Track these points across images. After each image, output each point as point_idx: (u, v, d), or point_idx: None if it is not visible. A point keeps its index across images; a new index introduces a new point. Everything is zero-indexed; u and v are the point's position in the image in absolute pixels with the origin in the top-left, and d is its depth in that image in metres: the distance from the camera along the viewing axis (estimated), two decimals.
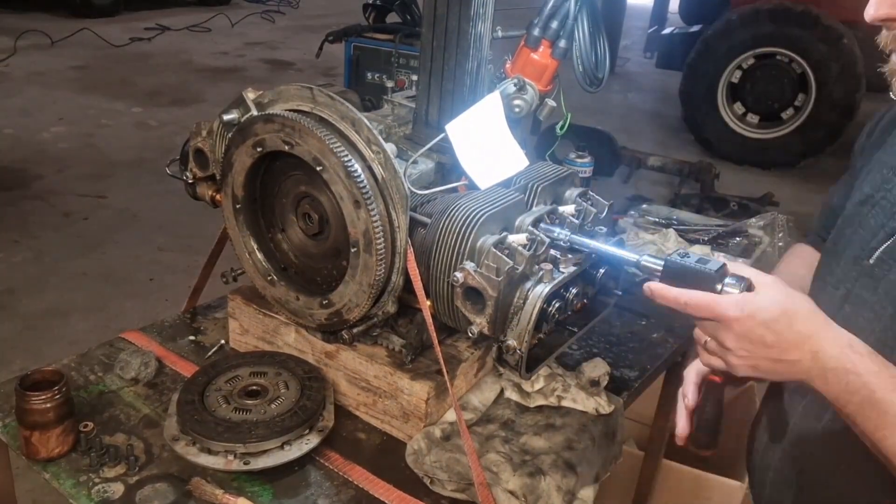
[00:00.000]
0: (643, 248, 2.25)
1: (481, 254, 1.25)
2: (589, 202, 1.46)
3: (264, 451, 1.30)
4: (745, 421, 2.58)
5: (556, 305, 1.27)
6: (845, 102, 6.42)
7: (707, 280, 1.03)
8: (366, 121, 1.29)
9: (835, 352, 0.95)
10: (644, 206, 2.81)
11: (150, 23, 10.77)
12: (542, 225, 1.33)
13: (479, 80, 1.47)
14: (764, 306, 0.97)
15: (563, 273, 1.27)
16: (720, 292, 1.02)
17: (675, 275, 1.08)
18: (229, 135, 1.42)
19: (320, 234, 1.44)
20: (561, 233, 1.30)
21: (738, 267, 1.04)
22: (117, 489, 1.26)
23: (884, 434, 0.93)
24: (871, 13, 1.05)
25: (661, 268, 1.10)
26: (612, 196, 1.52)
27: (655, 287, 1.06)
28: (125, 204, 5.05)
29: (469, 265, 1.23)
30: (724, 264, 1.06)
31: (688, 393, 1.26)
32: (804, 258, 1.45)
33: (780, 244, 2.58)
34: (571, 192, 1.48)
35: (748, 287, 1.02)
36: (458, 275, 1.22)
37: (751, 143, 6.85)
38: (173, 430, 1.33)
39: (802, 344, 0.96)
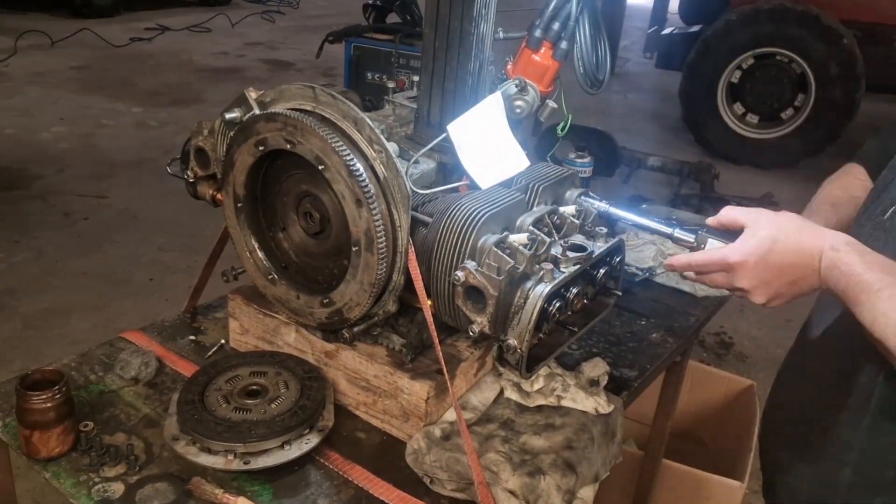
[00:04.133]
0: (642, 248, 2.25)
1: (482, 253, 1.25)
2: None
3: (264, 451, 1.30)
4: (745, 421, 2.59)
5: (557, 305, 1.27)
6: (845, 102, 6.42)
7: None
8: (368, 120, 1.30)
9: (826, 261, 1.09)
10: (644, 206, 2.81)
11: (150, 23, 10.76)
12: (583, 198, 1.45)
13: (481, 81, 1.47)
14: (763, 247, 1.12)
15: (563, 273, 1.27)
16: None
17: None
18: (231, 133, 1.42)
19: (321, 232, 1.44)
20: (601, 204, 1.42)
21: (728, 211, 1.19)
22: (117, 489, 1.26)
23: (861, 306, 1.05)
24: None
25: (692, 239, 1.26)
26: (612, 196, 1.52)
27: (675, 261, 1.24)
28: (125, 204, 5.06)
29: (470, 264, 1.23)
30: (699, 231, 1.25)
31: None
32: (850, 176, 1.51)
33: None
34: (572, 193, 1.48)
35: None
36: (460, 274, 1.22)
37: (751, 143, 6.86)
38: (173, 430, 1.33)
39: (803, 262, 1.10)
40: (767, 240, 1.12)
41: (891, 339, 1.00)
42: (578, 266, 1.30)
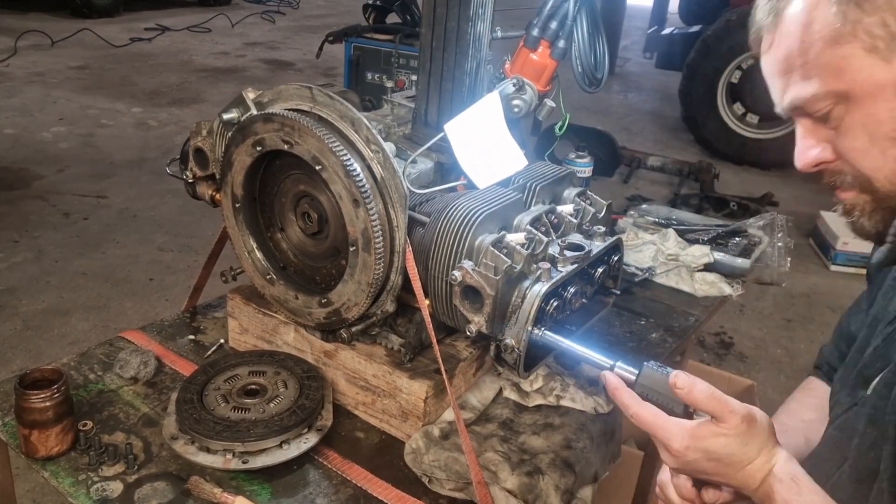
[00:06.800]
0: (642, 248, 2.25)
1: (479, 253, 1.25)
2: (587, 202, 1.47)
3: (263, 450, 1.30)
4: None
5: (555, 304, 1.27)
6: None
7: (672, 406, 1.02)
8: (365, 120, 1.30)
9: (764, 486, 0.99)
10: (644, 206, 2.81)
11: (150, 23, 10.77)
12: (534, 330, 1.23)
13: (479, 80, 1.47)
14: (711, 449, 0.98)
15: (561, 272, 1.27)
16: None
17: (649, 383, 1.05)
18: (229, 134, 1.42)
19: (319, 233, 1.44)
20: (538, 332, 1.23)
21: (719, 400, 0.98)
22: (116, 488, 1.26)
23: None
24: (801, 163, 1.02)
25: (634, 376, 1.07)
26: (611, 196, 1.53)
27: (612, 384, 1.07)
28: (125, 204, 5.06)
29: (467, 264, 1.23)
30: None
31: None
32: (815, 397, 1.35)
33: (780, 244, 2.58)
34: (570, 192, 1.48)
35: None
36: (457, 273, 1.22)
37: (751, 143, 6.85)
38: (172, 429, 1.34)
39: (743, 479, 0.99)
40: (724, 452, 0.99)
41: None
42: (576, 265, 1.30)
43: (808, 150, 1.00)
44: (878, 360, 1.07)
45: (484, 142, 1.43)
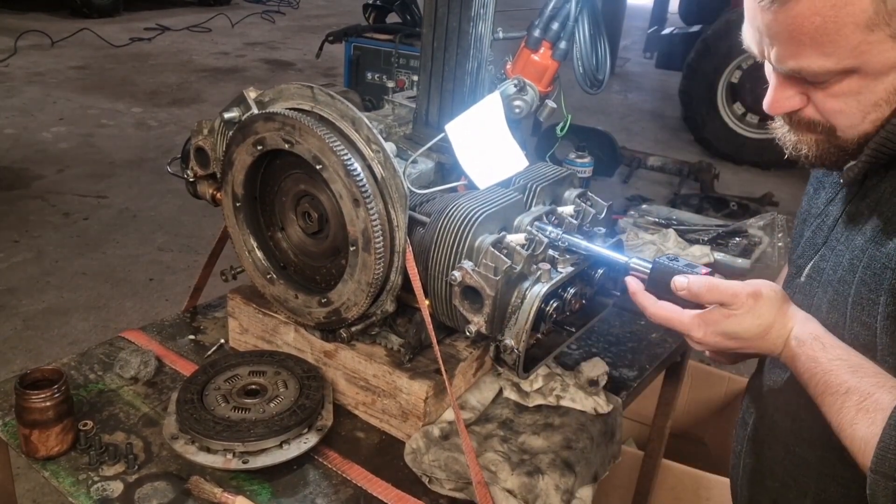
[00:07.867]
0: (642, 248, 2.25)
1: (479, 253, 1.25)
2: (588, 203, 1.47)
3: (263, 450, 1.30)
4: None
5: (554, 305, 1.27)
6: None
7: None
8: (366, 119, 1.30)
9: (787, 350, 1.06)
10: (644, 206, 2.81)
11: (150, 23, 10.77)
12: (536, 223, 1.33)
13: (480, 81, 1.47)
14: (727, 330, 1.06)
15: (561, 273, 1.27)
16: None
17: (661, 279, 1.12)
18: (230, 133, 1.42)
19: (320, 232, 1.44)
20: (553, 231, 1.31)
21: (719, 289, 1.06)
22: (116, 487, 1.26)
23: (826, 407, 1.01)
24: (777, 110, 1.06)
25: (648, 271, 1.16)
26: (612, 196, 1.53)
27: (631, 288, 1.16)
28: (125, 204, 5.06)
29: (467, 264, 1.23)
30: (710, 272, 1.11)
31: None
32: None
33: (780, 244, 2.58)
34: (570, 193, 1.48)
35: None
36: (456, 274, 1.22)
37: (751, 143, 6.85)
38: (172, 429, 1.34)
39: (768, 347, 1.07)
40: (744, 332, 1.07)
41: (860, 459, 0.95)
42: (576, 266, 1.30)
43: (786, 100, 1.04)
44: (809, 249, 1.17)
45: (485, 142, 1.43)
